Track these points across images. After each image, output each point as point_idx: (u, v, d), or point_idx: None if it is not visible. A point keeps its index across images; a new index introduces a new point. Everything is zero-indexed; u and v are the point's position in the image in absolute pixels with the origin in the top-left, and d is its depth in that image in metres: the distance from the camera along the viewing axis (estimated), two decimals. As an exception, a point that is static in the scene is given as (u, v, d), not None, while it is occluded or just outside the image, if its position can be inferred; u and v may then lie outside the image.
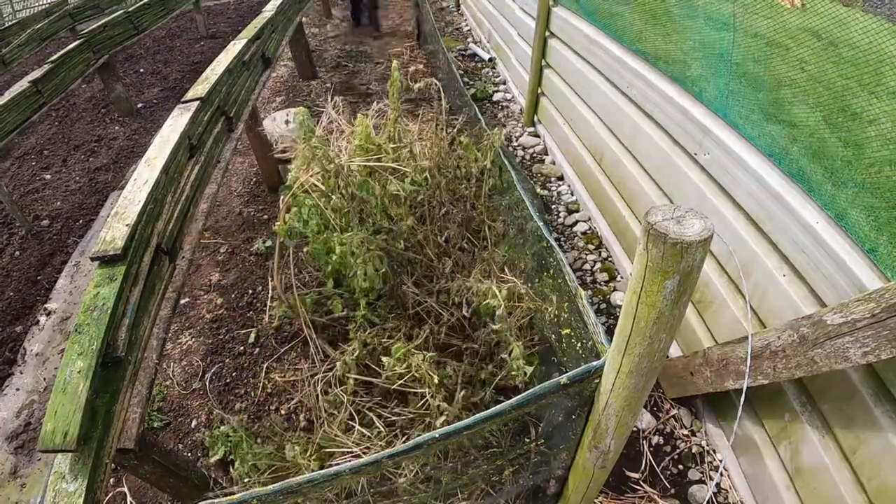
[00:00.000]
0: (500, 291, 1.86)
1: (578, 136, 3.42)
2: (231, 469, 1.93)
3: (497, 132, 2.43)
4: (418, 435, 1.43)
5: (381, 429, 1.91)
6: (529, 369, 1.83)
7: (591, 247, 3.13)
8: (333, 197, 2.12)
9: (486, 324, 2.09)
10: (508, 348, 1.86)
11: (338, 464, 1.66)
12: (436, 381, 1.90)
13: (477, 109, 3.01)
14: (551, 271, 1.90)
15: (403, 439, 1.98)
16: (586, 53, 3.14)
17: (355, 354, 2.03)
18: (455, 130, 2.64)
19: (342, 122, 2.47)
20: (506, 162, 2.42)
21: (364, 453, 1.84)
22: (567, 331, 1.73)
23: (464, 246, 2.45)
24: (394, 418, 2.00)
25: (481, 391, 2.05)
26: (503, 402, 1.13)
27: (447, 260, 2.32)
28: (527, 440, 1.80)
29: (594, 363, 1.17)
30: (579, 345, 1.61)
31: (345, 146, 2.32)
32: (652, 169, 2.53)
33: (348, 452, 1.86)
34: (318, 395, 2.13)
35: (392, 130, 2.39)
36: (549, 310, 1.92)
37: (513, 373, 1.82)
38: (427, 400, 1.90)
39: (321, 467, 1.90)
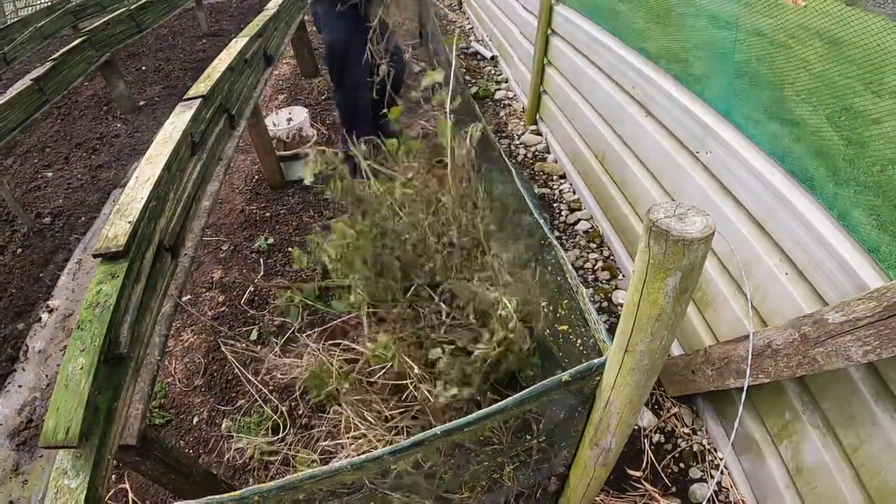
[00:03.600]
0: (510, 302, 1.85)
1: (580, 134, 3.42)
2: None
3: (475, 127, 2.41)
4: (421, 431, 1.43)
5: (374, 422, 1.92)
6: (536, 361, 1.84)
7: (592, 245, 3.13)
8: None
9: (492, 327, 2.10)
10: (520, 344, 1.86)
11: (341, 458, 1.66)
12: (416, 370, 1.91)
13: (477, 107, 3.00)
14: (550, 269, 1.90)
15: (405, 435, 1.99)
16: (588, 51, 3.14)
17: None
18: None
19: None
20: (505, 161, 2.42)
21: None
22: (566, 328, 1.74)
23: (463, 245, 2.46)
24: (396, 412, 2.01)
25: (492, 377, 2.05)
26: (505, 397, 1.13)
27: (450, 257, 2.32)
28: (528, 437, 1.80)
29: (595, 360, 1.17)
30: (579, 342, 1.61)
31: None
32: (654, 167, 2.53)
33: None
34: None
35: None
36: (549, 307, 1.92)
37: (528, 371, 1.83)
38: (411, 390, 1.92)
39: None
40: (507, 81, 5.24)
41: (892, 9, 1.83)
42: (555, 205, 3.52)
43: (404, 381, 2.04)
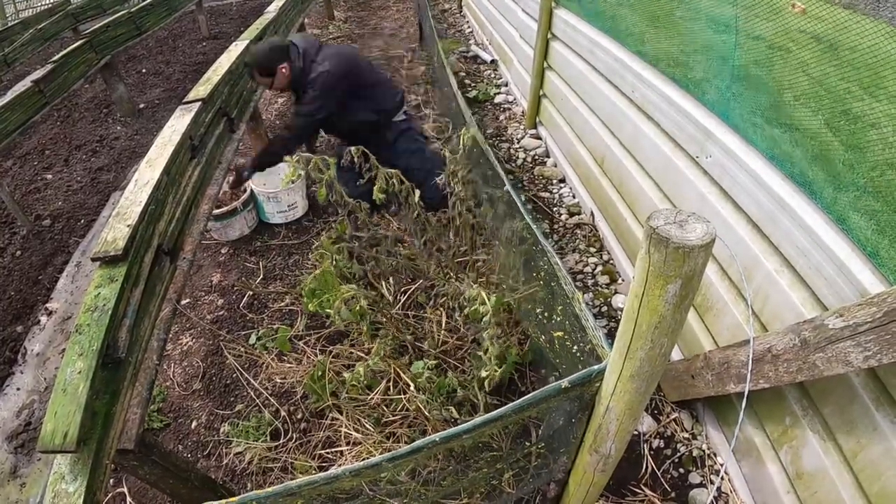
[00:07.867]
0: (489, 298, 1.86)
1: (580, 138, 3.42)
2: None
3: (465, 131, 2.40)
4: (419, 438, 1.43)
5: (371, 429, 1.91)
6: (498, 371, 1.83)
7: (592, 249, 3.13)
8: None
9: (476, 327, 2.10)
10: (483, 346, 1.87)
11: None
12: (412, 387, 1.91)
13: (469, 113, 2.99)
14: (543, 274, 1.89)
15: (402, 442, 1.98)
16: (588, 55, 3.14)
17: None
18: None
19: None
20: (495, 164, 2.41)
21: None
22: (560, 334, 1.73)
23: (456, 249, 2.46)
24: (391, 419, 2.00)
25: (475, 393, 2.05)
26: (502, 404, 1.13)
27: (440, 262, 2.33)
28: (527, 443, 1.80)
29: (595, 367, 1.17)
30: (575, 348, 1.60)
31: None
32: (653, 171, 2.53)
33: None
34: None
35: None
36: (542, 312, 1.92)
37: (483, 373, 1.83)
38: (405, 404, 1.92)
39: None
40: (506, 85, 5.24)
41: (890, 13, 1.83)
42: (554, 209, 3.52)
43: (399, 397, 2.04)
